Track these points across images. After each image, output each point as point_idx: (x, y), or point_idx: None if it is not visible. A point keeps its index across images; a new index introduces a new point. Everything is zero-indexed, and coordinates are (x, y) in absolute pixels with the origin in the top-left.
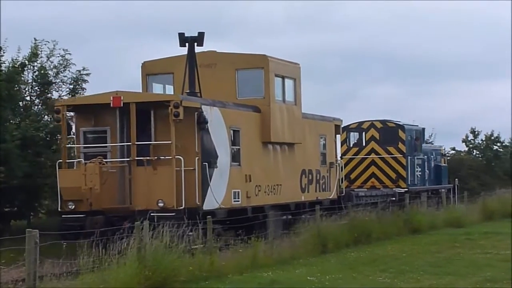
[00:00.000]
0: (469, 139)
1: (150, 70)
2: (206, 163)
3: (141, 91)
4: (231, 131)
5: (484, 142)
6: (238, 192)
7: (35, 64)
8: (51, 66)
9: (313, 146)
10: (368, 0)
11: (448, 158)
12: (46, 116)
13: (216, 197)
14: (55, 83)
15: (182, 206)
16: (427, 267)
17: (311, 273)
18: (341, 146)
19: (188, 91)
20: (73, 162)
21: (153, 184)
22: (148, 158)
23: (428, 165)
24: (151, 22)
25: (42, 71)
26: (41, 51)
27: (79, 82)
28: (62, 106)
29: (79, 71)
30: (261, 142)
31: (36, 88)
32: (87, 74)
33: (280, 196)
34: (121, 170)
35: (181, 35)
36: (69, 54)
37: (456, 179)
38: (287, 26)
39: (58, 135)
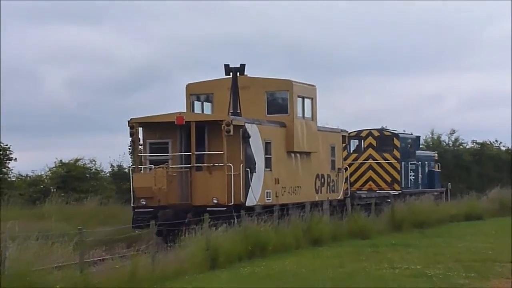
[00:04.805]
0: None
1: (193, 91)
2: (248, 169)
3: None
4: (265, 143)
5: None
6: (270, 192)
7: None
8: None
9: (325, 154)
10: None
11: None
12: None
13: (255, 195)
14: None
15: (231, 203)
16: (328, 283)
17: None
18: (342, 152)
19: (232, 111)
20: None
21: (209, 185)
22: (206, 164)
23: (422, 170)
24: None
25: None
26: None
27: None
28: (135, 123)
29: None
30: (286, 151)
31: None
32: None
33: (299, 196)
34: (181, 174)
35: (226, 66)
36: None
37: (449, 183)
38: (185, 13)
39: None
